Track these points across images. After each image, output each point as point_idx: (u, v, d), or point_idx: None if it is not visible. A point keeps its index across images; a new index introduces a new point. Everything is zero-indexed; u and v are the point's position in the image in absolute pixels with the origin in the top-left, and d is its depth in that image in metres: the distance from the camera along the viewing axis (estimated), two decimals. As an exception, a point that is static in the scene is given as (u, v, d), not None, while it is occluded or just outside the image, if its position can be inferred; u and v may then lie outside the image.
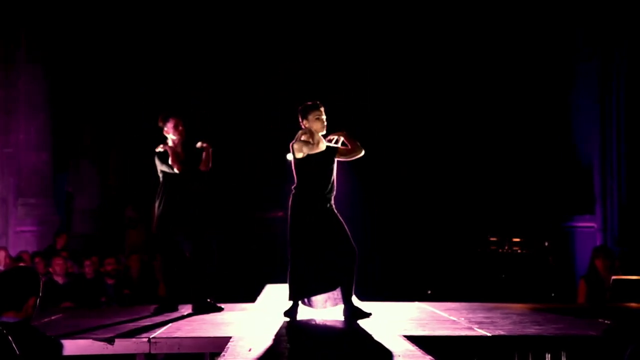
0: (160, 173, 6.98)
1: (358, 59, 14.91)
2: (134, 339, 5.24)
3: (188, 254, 6.92)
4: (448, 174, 14.62)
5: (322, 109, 6.27)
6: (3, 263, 9.71)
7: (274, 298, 7.81)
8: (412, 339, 5.00)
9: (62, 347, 4.18)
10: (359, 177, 13.33)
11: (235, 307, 7.14)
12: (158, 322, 6.06)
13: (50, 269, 9.43)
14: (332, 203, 6.25)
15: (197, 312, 6.70)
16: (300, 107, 6.32)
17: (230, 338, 5.13)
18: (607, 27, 11.39)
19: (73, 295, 9.06)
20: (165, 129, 7.04)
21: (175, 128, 7.01)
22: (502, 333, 5.35)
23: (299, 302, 6.17)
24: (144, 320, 6.15)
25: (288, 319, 6.07)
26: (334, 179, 6.28)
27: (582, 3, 11.71)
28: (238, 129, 15.12)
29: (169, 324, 5.92)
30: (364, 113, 14.66)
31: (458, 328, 5.62)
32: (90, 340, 5.18)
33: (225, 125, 14.85)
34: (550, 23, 12.38)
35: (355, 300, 6.29)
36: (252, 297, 8.35)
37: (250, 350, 4.69)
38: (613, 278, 8.04)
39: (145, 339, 5.20)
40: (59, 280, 9.25)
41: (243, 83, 15.23)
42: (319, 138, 6.23)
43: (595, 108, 11.54)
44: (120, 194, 14.62)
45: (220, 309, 6.82)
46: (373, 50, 14.85)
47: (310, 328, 5.85)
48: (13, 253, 10.49)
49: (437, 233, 13.96)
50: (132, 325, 5.86)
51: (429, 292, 11.69)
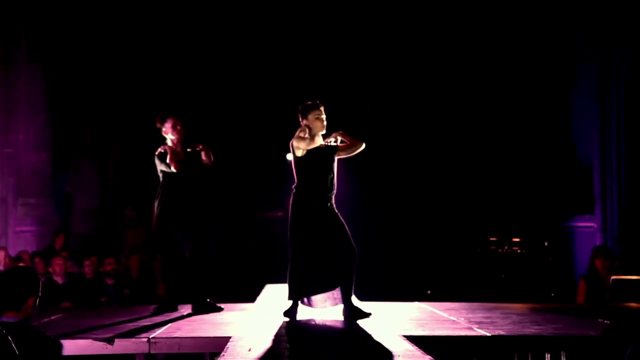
0: (160, 173, 6.98)
1: (358, 59, 14.90)
2: (134, 339, 5.25)
3: (188, 254, 6.92)
4: (448, 174, 14.61)
5: (322, 109, 6.29)
6: (3, 263, 9.70)
7: (274, 298, 7.81)
8: (411, 339, 5.00)
9: (61, 347, 4.18)
10: (359, 177, 13.33)
11: (235, 307, 7.14)
12: (158, 322, 6.07)
13: (50, 269, 9.43)
14: (332, 202, 6.26)
15: (196, 312, 6.70)
16: (301, 106, 6.33)
17: (230, 338, 5.13)
18: (607, 27, 11.39)
19: (73, 295, 9.06)
20: (164, 130, 7.04)
21: (174, 128, 7.01)
22: (501, 333, 5.36)
23: (299, 302, 6.17)
24: (144, 320, 6.15)
25: (288, 319, 6.07)
26: (335, 178, 6.29)
27: (582, 3, 11.71)
28: (238, 129, 15.11)
29: (169, 324, 5.93)
30: (364, 113, 14.65)
31: (458, 328, 5.62)
32: (90, 340, 5.18)
33: (225, 125, 14.84)
34: (550, 23, 12.38)
35: (355, 300, 6.29)
36: (251, 297, 8.35)
37: (250, 350, 4.69)
38: (613, 278, 8.05)
39: (145, 339, 5.20)
40: (59, 280, 9.26)
41: (243, 83, 15.22)
42: (315, 133, 6.24)
43: (595, 108, 11.54)
44: (120, 194, 14.61)
45: (220, 309, 6.82)
46: (373, 50, 14.84)
47: (310, 328, 5.85)
48: (13, 253, 10.50)
49: (437, 233, 13.95)
50: (131, 325, 5.87)
51: (429, 292, 11.69)
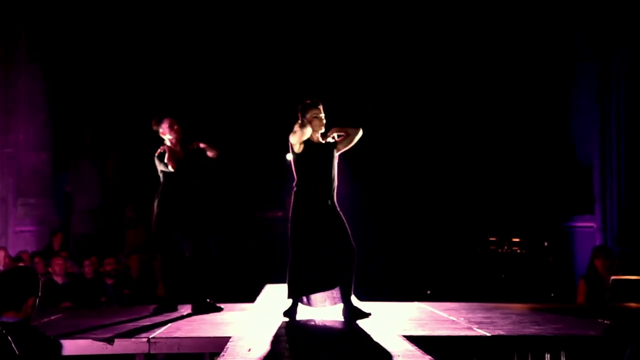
0: (161, 173, 6.98)
1: (358, 59, 14.89)
2: (134, 339, 5.25)
3: (188, 254, 6.92)
4: (448, 174, 14.61)
5: (320, 108, 6.28)
6: (2, 263, 9.70)
7: (274, 298, 7.81)
8: (411, 339, 5.00)
9: (61, 347, 4.19)
10: (359, 177, 13.34)
11: (235, 307, 7.15)
12: (158, 322, 6.07)
13: (50, 269, 9.43)
14: (334, 199, 6.22)
15: (196, 312, 6.70)
16: (300, 105, 6.33)
17: (230, 338, 5.14)
18: (607, 27, 11.39)
19: (72, 295, 9.07)
20: (161, 131, 7.01)
21: (171, 128, 6.99)
22: (501, 333, 5.36)
23: (298, 301, 6.17)
24: (144, 320, 6.16)
25: (287, 319, 6.07)
26: (335, 175, 6.26)
27: (582, 3, 11.71)
28: (238, 129, 15.10)
29: (169, 324, 5.93)
30: (364, 113, 14.64)
31: (457, 328, 5.62)
32: (90, 340, 5.18)
33: (225, 125, 14.84)
34: (550, 23, 12.38)
35: (355, 300, 6.29)
36: (251, 297, 8.35)
37: (250, 351, 4.69)
38: (612, 278, 8.05)
39: (145, 339, 5.20)
40: (59, 280, 9.26)
41: (243, 83, 15.21)
42: (314, 131, 6.21)
43: (595, 108, 11.54)
44: (120, 194, 14.60)
45: (220, 309, 6.83)
46: (373, 50, 14.84)
47: (310, 328, 5.85)
48: (12, 253, 10.49)
49: (436, 233, 13.95)
50: (131, 325, 5.87)
51: (429, 292, 11.69)
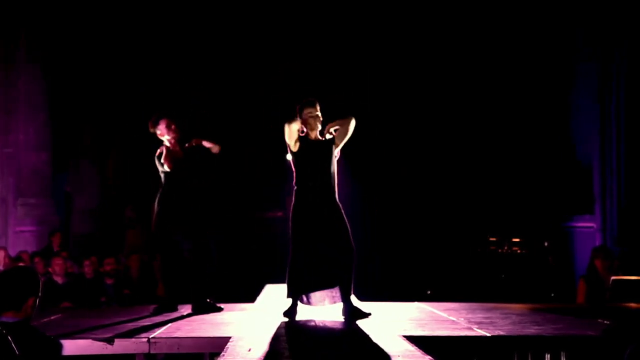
0: (161, 173, 6.97)
1: (358, 59, 14.89)
2: (134, 339, 5.25)
3: (187, 254, 6.92)
4: (448, 174, 14.61)
5: (315, 106, 6.24)
6: (2, 263, 9.71)
7: (274, 298, 7.80)
8: (411, 339, 5.00)
9: (61, 347, 4.18)
10: (359, 177, 13.34)
11: (235, 307, 7.14)
12: (158, 322, 6.07)
13: (50, 269, 9.44)
14: (335, 197, 6.21)
15: (196, 312, 6.70)
16: (298, 104, 6.32)
17: (230, 338, 5.13)
18: (607, 27, 11.39)
19: (72, 295, 9.07)
20: (159, 132, 6.96)
21: (168, 128, 6.94)
22: (501, 333, 5.35)
23: (298, 301, 6.16)
24: (144, 320, 6.15)
25: (287, 319, 6.07)
26: (334, 172, 6.24)
27: (582, 3, 11.71)
28: (238, 129, 15.10)
29: (169, 324, 5.93)
30: (364, 113, 14.63)
31: (457, 328, 5.62)
32: (90, 340, 5.18)
33: (225, 125, 14.83)
34: (550, 23, 12.38)
35: (355, 300, 6.29)
36: (251, 297, 8.34)
37: (250, 351, 4.69)
38: (612, 278, 8.05)
39: (145, 339, 5.20)
40: (59, 280, 9.26)
41: (243, 83, 15.21)
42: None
43: (595, 108, 11.54)
44: (120, 194, 14.61)
45: (220, 309, 6.82)
46: (373, 50, 14.83)
47: (310, 328, 5.85)
48: (12, 253, 10.49)
49: (436, 233, 13.95)
50: (131, 325, 5.87)
51: (429, 292, 11.69)
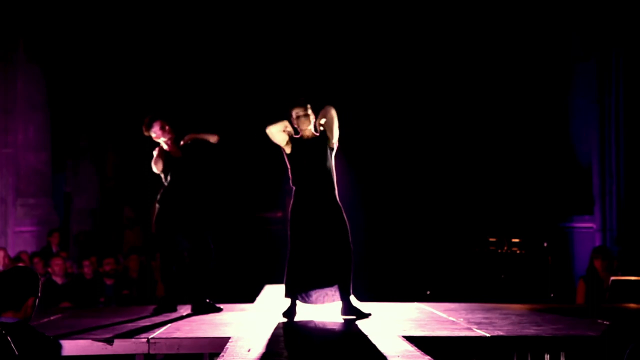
0: (161, 173, 6.97)
1: (358, 59, 14.89)
2: (133, 340, 5.25)
3: (187, 254, 6.92)
4: (447, 175, 14.60)
5: (304, 106, 6.19)
6: (2, 263, 9.71)
7: (273, 298, 7.79)
8: (411, 340, 5.00)
9: (61, 347, 4.19)
10: (359, 177, 13.33)
11: (235, 307, 7.15)
12: (157, 322, 6.07)
13: (49, 269, 9.44)
14: (334, 195, 6.19)
15: (196, 312, 6.70)
16: (287, 104, 6.32)
17: (230, 338, 5.13)
18: (605, 27, 11.39)
19: (72, 296, 9.07)
20: (154, 135, 6.89)
21: (162, 129, 6.88)
22: (501, 333, 5.35)
23: (296, 300, 6.16)
24: (143, 321, 6.15)
25: (287, 320, 6.07)
26: (331, 168, 6.19)
27: (580, 4, 11.71)
28: (238, 129, 15.09)
29: (168, 325, 5.93)
30: (364, 113, 14.64)
31: (457, 328, 5.62)
32: (90, 341, 5.18)
33: (225, 125, 14.82)
34: (549, 23, 12.38)
35: (355, 301, 6.29)
36: (251, 297, 8.34)
37: (249, 351, 4.69)
38: (612, 279, 8.05)
39: (145, 340, 5.20)
40: (58, 281, 9.26)
41: (242, 83, 15.21)
42: (301, 129, 6.19)
43: (594, 108, 11.53)
44: (119, 194, 14.61)
45: (219, 310, 6.82)
46: (372, 51, 14.83)
47: (309, 329, 5.85)
48: (12, 253, 10.49)
49: (436, 233, 13.95)
50: (131, 326, 5.87)
51: (428, 292, 11.69)
